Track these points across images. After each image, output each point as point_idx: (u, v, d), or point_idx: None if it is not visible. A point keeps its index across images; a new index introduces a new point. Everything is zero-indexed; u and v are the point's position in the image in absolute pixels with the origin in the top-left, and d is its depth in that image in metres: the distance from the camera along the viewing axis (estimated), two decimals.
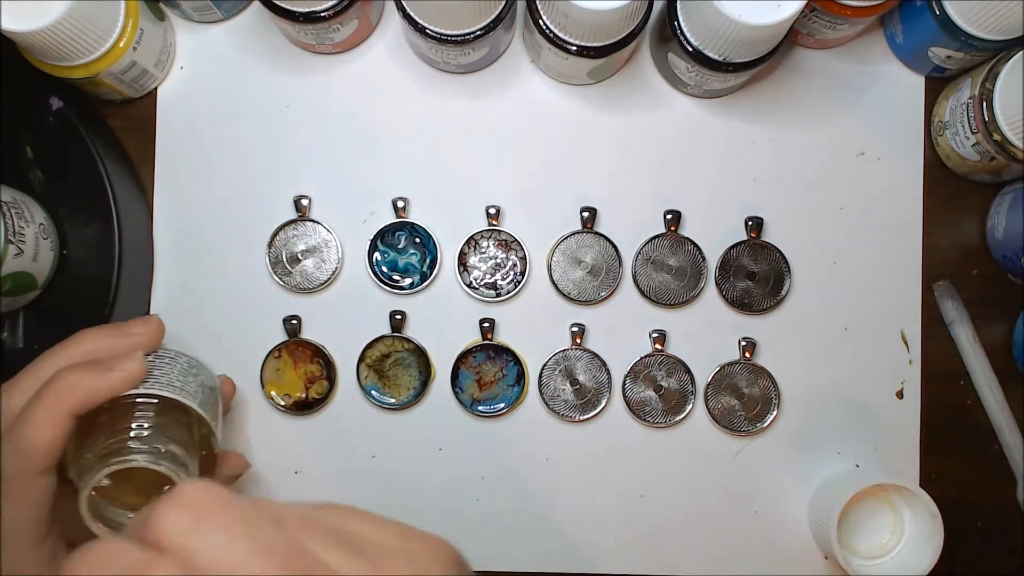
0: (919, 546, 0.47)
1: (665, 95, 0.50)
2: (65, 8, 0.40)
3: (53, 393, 0.36)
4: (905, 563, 0.47)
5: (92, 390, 0.36)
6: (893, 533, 0.49)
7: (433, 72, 0.50)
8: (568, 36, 0.44)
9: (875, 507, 0.49)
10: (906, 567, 0.47)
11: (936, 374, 0.51)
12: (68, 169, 0.45)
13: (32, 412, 0.36)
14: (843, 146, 0.51)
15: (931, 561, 0.46)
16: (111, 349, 0.40)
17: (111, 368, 0.37)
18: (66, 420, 0.36)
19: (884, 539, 0.49)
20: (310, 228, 0.49)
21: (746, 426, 0.50)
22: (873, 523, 0.49)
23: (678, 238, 0.50)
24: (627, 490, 0.50)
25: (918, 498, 0.46)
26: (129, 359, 0.38)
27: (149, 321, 0.41)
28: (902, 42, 0.49)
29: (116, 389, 0.37)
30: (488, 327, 0.49)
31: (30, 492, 0.36)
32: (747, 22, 0.40)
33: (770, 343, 0.50)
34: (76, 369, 0.37)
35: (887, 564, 0.48)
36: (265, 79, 0.50)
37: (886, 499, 0.49)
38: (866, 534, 0.49)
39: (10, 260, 0.41)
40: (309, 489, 0.49)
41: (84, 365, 0.37)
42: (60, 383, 0.36)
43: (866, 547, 0.49)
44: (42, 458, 0.35)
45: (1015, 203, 0.48)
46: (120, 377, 0.37)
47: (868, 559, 0.48)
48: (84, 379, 0.36)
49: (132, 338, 0.40)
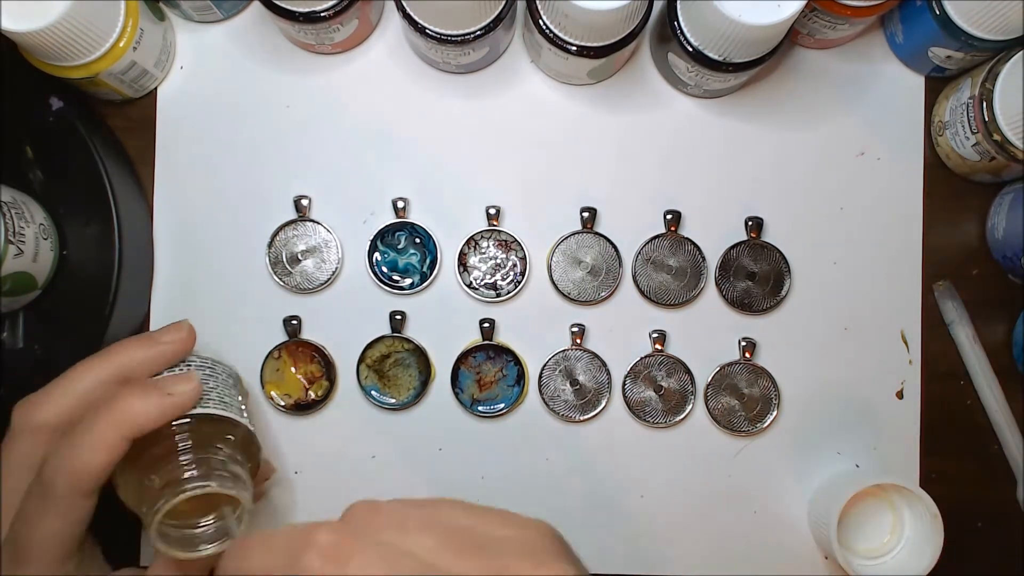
0: (919, 546, 0.47)
1: (665, 95, 0.50)
2: (65, 8, 0.40)
3: (111, 416, 0.36)
4: (905, 563, 0.47)
5: (152, 417, 0.36)
6: (893, 533, 0.49)
7: (433, 72, 0.50)
8: (568, 36, 0.44)
9: (875, 507, 0.49)
10: (906, 567, 0.47)
11: (936, 374, 0.51)
12: (68, 169, 0.45)
13: (88, 434, 0.36)
14: (843, 146, 0.51)
15: (931, 561, 0.46)
16: (146, 361, 0.40)
17: (169, 392, 0.37)
18: (122, 445, 0.36)
19: (884, 539, 0.49)
20: (310, 228, 0.49)
21: (746, 426, 0.50)
22: (873, 523, 0.49)
23: (678, 238, 0.50)
24: (627, 490, 0.50)
25: (918, 498, 0.46)
26: (184, 381, 0.38)
27: (180, 328, 0.41)
28: (902, 42, 0.49)
29: (175, 415, 0.37)
30: (488, 327, 0.49)
31: (74, 511, 0.36)
32: (747, 22, 0.40)
33: (770, 343, 0.50)
34: (134, 393, 0.37)
35: (887, 564, 0.48)
36: (265, 79, 0.50)
37: (886, 499, 0.49)
38: (866, 534, 0.49)
39: (10, 260, 0.41)
40: (309, 489, 0.49)
41: (141, 388, 0.37)
42: (118, 407, 0.36)
43: (866, 547, 0.49)
44: (94, 480, 0.36)
45: (1015, 203, 0.48)
46: (178, 403, 0.37)
47: (868, 559, 0.48)
48: (143, 405, 0.36)
49: (165, 346, 0.40)
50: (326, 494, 0.49)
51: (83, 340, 0.44)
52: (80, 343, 0.44)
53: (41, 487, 0.36)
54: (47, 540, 0.36)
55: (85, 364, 0.39)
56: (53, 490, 0.35)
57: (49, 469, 0.36)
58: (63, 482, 0.35)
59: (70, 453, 0.36)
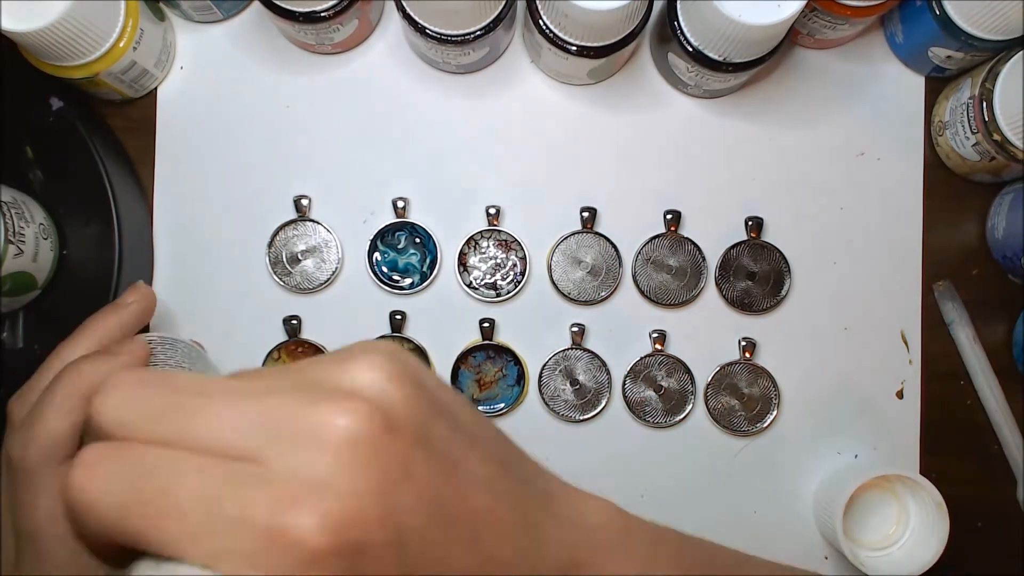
0: (925, 536, 0.47)
1: (665, 95, 0.50)
2: (65, 8, 0.40)
3: (63, 381, 0.36)
4: (911, 553, 0.47)
5: (102, 372, 0.37)
6: (898, 524, 0.49)
7: (433, 72, 0.50)
8: (568, 36, 0.44)
9: (880, 498, 0.49)
10: (912, 557, 0.47)
11: (936, 374, 0.51)
12: (68, 169, 0.45)
13: (46, 403, 0.36)
14: (843, 146, 0.51)
15: (937, 550, 0.46)
16: (115, 329, 0.41)
17: (116, 353, 0.38)
18: (81, 405, 0.36)
19: (890, 530, 0.49)
20: (310, 228, 0.49)
21: (746, 426, 0.50)
22: (878, 515, 0.49)
23: (678, 238, 0.50)
24: (627, 490, 0.50)
25: (922, 488, 0.46)
26: (131, 342, 0.39)
27: (138, 288, 0.43)
28: (902, 42, 0.49)
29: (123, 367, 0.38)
30: (488, 327, 0.49)
31: (52, 482, 0.36)
32: (747, 22, 0.40)
33: (770, 343, 0.50)
34: (82, 358, 0.38)
35: (894, 555, 0.48)
36: (265, 79, 0.50)
37: (890, 490, 0.49)
38: (871, 526, 0.49)
39: (10, 260, 0.41)
40: None
41: (90, 354, 0.38)
42: (68, 372, 0.37)
43: (872, 539, 0.49)
44: (63, 446, 0.36)
45: (1015, 203, 0.48)
46: (125, 360, 0.38)
47: (874, 551, 0.48)
48: (91, 364, 0.37)
49: (128, 308, 0.42)
50: None
51: None
52: None
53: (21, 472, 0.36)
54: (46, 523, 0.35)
55: (64, 344, 0.40)
56: (24, 463, 0.35)
57: (18, 448, 0.36)
58: (33, 453, 0.35)
59: (35, 426, 0.36)
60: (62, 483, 0.24)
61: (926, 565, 0.46)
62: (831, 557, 0.50)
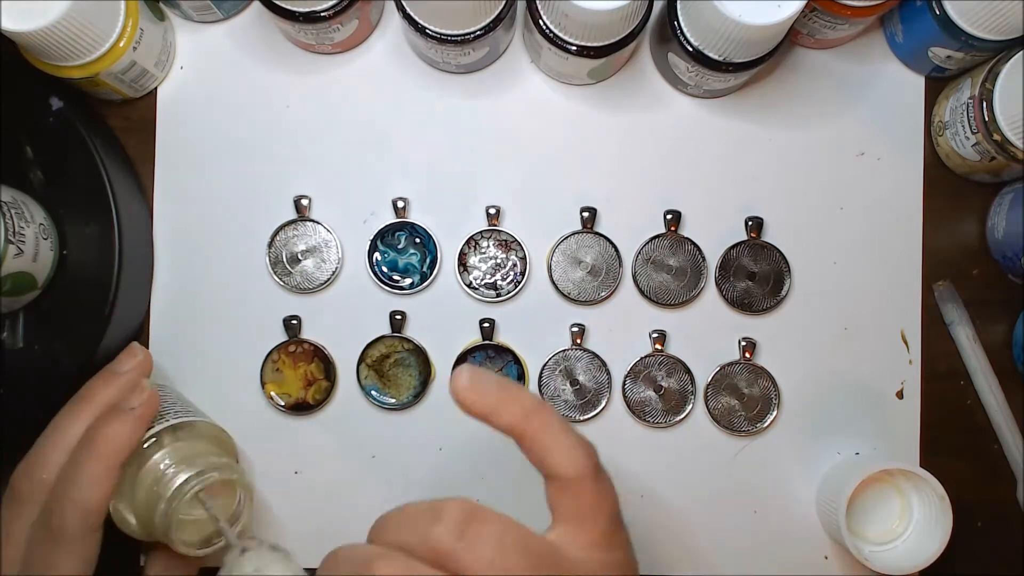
0: (928, 529, 0.47)
1: (665, 95, 0.50)
2: (65, 8, 0.40)
3: (99, 448, 0.38)
4: (915, 547, 0.47)
5: (131, 435, 0.38)
6: (902, 518, 0.49)
7: (433, 72, 0.50)
8: (568, 36, 0.44)
9: (883, 493, 0.49)
10: (917, 551, 0.47)
11: (936, 374, 0.51)
12: (68, 169, 0.45)
13: (84, 471, 0.38)
14: (843, 146, 0.51)
15: (941, 544, 0.46)
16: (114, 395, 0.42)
17: (131, 406, 0.39)
18: (116, 473, 0.38)
19: (893, 524, 0.49)
20: (310, 228, 0.49)
21: (746, 426, 0.50)
22: (881, 509, 0.49)
23: (678, 238, 0.50)
24: (627, 490, 0.50)
25: (925, 481, 0.46)
26: (139, 391, 0.40)
27: (134, 352, 0.44)
28: (902, 42, 0.49)
29: (145, 425, 0.39)
30: (488, 327, 0.49)
31: (88, 548, 0.38)
32: (747, 22, 0.40)
33: (770, 343, 0.50)
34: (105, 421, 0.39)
35: (898, 549, 0.48)
36: (265, 79, 0.50)
37: (893, 485, 0.49)
38: (875, 520, 0.49)
39: (10, 260, 0.41)
40: (309, 489, 0.49)
41: (110, 414, 0.39)
42: (100, 436, 0.38)
43: (875, 533, 0.49)
44: (100, 515, 0.38)
45: (1015, 203, 0.48)
46: (144, 412, 0.39)
47: (878, 545, 0.48)
48: (118, 427, 0.38)
49: (127, 375, 0.43)
50: (326, 494, 0.49)
51: (83, 340, 0.44)
52: (80, 343, 0.44)
53: (50, 532, 0.37)
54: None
55: (65, 415, 0.41)
56: (64, 533, 0.37)
57: (56, 515, 0.37)
58: (75, 522, 0.37)
59: (74, 494, 0.37)
60: None
61: (930, 559, 0.46)
62: (831, 557, 0.50)
